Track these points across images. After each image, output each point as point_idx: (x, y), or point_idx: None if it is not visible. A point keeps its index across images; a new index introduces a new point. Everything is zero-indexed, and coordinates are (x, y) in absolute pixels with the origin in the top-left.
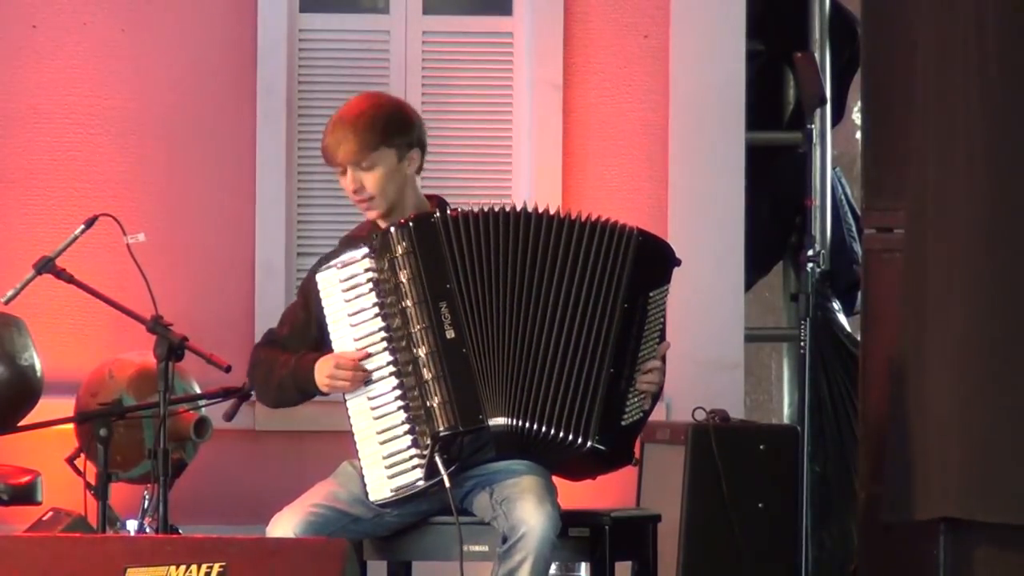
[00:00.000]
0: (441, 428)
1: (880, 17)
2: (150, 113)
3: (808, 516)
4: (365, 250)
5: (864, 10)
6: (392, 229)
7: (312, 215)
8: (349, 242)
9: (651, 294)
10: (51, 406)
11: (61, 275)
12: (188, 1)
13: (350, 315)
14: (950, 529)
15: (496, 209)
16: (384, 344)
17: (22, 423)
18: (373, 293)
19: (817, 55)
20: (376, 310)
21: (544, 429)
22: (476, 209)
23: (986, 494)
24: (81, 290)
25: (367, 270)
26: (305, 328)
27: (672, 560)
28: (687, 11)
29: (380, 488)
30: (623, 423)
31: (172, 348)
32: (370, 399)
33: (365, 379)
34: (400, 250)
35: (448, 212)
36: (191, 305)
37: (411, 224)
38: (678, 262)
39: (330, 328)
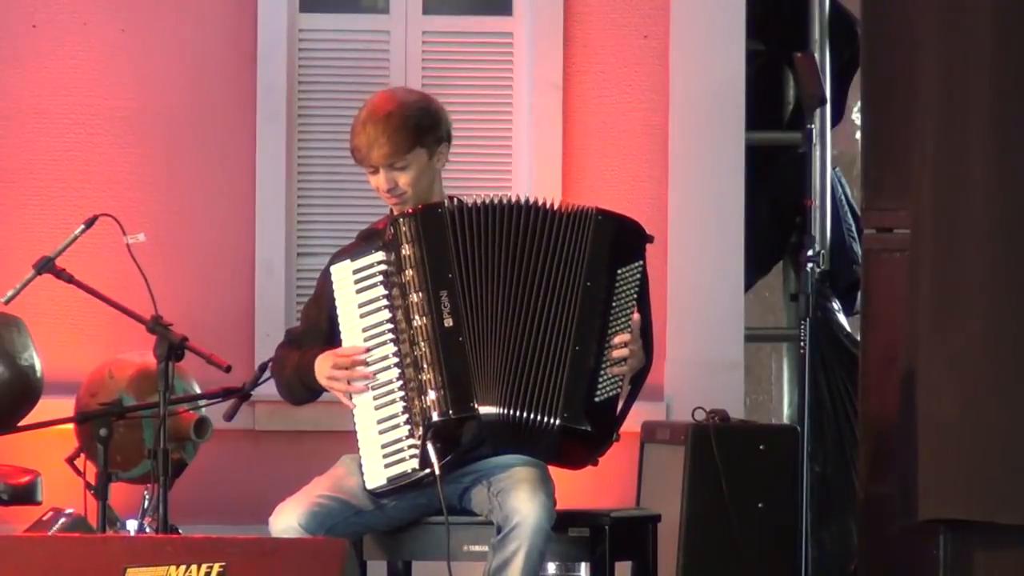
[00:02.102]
0: (434, 415)
1: (880, 17)
2: (150, 113)
3: (808, 516)
4: (379, 243)
5: (864, 10)
6: (400, 219)
7: (312, 215)
8: (368, 236)
9: (619, 271)
10: (51, 406)
11: (61, 275)
12: (188, 1)
13: (360, 306)
14: (950, 529)
15: (496, 201)
16: (389, 335)
17: (22, 423)
18: (383, 286)
19: (817, 55)
20: (384, 302)
21: (519, 413)
22: (480, 200)
23: (1001, 495)
24: (81, 290)
25: (380, 263)
26: (317, 322)
27: (672, 560)
28: (687, 11)
29: (376, 477)
30: (596, 399)
31: (172, 348)
32: (372, 388)
33: (364, 377)
34: (406, 239)
35: (455, 202)
36: (191, 305)
37: (419, 214)
38: (649, 239)
39: (340, 319)
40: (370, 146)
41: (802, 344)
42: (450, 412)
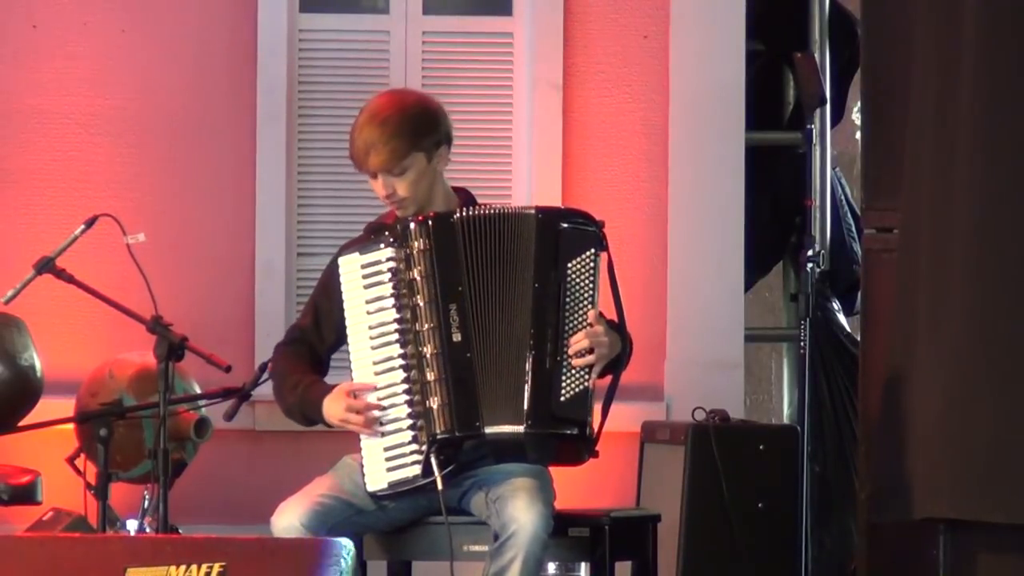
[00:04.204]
0: (438, 431)
1: (880, 17)
2: (150, 113)
3: (808, 516)
4: (389, 239)
5: (864, 10)
6: (412, 225)
7: (312, 215)
8: (375, 229)
9: (568, 265)
10: (51, 406)
11: (61, 275)
12: (188, 1)
13: (367, 302)
14: (950, 529)
15: (504, 211)
16: (396, 336)
17: (22, 423)
18: (391, 284)
19: (817, 55)
20: (392, 300)
21: (503, 429)
22: (492, 210)
23: (986, 493)
24: (81, 290)
25: (388, 259)
26: (328, 316)
27: (672, 560)
28: (687, 11)
29: (378, 479)
30: (562, 399)
31: (172, 348)
32: (377, 389)
33: (377, 419)
34: (417, 247)
35: (467, 212)
36: (191, 305)
37: (430, 222)
38: (598, 224)
39: (347, 313)
40: (367, 152)
41: (802, 344)
42: (456, 431)
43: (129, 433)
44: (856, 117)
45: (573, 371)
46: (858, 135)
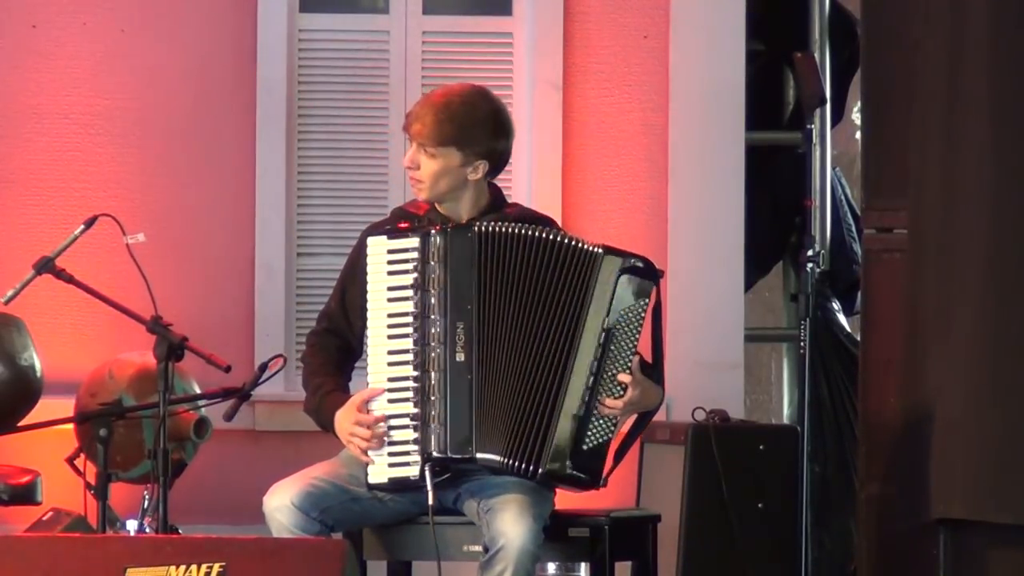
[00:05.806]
0: (431, 449)
1: (880, 17)
2: (150, 113)
3: (808, 516)
4: (418, 231)
5: (864, 10)
6: (432, 234)
7: (312, 215)
8: (403, 214)
9: (621, 311)
10: (51, 406)
11: (61, 275)
12: (188, 1)
13: (389, 289)
14: (950, 529)
15: (521, 231)
16: (411, 330)
17: (22, 423)
18: (412, 275)
19: (817, 55)
20: (411, 292)
21: (511, 462)
22: (511, 229)
23: (997, 494)
24: (81, 290)
25: (414, 249)
26: (354, 301)
27: (672, 560)
28: (687, 11)
29: (379, 473)
30: (584, 447)
31: (172, 348)
32: (389, 380)
33: (384, 436)
34: (434, 258)
35: (486, 227)
36: (191, 305)
37: (448, 234)
38: (659, 274)
39: (369, 296)
40: (415, 119)
41: (802, 344)
42: (448, 452)
43: (129, 433)
44: (856, 117)
45: (601, 420)
46: (858, 135)
